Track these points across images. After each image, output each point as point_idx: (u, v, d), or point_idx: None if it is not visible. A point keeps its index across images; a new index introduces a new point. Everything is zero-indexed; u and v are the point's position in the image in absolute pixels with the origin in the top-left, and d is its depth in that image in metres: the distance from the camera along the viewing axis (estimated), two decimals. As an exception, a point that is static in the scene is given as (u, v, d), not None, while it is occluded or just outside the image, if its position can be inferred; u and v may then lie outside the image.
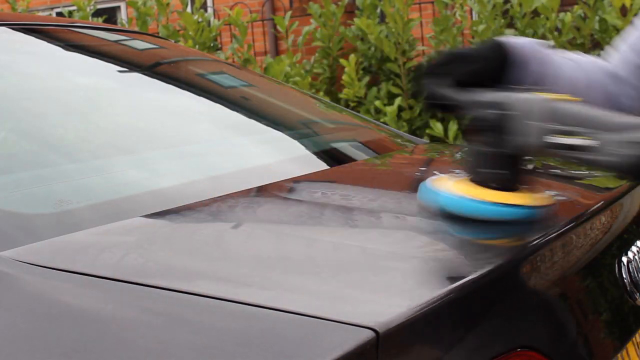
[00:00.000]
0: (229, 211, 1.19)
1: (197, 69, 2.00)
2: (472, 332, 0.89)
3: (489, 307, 0.93)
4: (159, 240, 1.03)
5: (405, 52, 4.71)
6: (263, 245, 1.02)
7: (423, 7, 5.60)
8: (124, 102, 1.59)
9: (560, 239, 1.09)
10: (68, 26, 1.86)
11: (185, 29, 4.97)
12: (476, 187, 1.10)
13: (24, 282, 0.89)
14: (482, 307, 0.91)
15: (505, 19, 4.46)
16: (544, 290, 1.04)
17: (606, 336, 1.15)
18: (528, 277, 1.02)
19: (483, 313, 0.91)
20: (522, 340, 0.95)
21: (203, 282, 0.88)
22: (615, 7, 4.15)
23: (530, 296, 1.02)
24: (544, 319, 1.02)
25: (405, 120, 4.63)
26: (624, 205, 1.35)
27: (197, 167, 1.36)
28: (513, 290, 0.98)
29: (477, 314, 0.90)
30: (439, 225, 1.11)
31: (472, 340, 0.88)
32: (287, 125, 1.76)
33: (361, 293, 0.86)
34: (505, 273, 0.96)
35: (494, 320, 0.93)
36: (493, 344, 0.91)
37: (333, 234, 1.07)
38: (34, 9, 7.10)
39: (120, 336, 0.81)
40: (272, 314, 0.79)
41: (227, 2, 6.71)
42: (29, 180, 1.15)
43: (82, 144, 1.37)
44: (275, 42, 6.50)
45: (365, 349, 0.75)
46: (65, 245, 0.98)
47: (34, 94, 1.45)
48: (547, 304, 1.04)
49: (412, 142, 1.89)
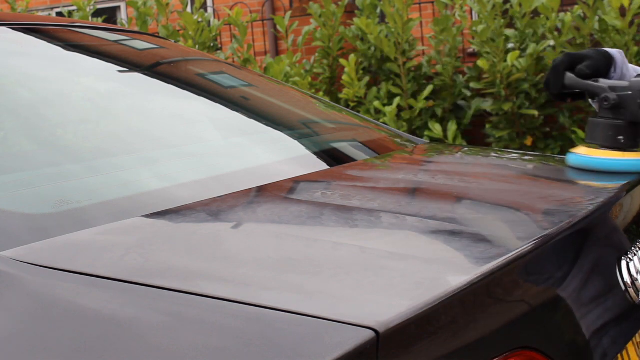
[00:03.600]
0: (229, 211, 1.19)
1: (197, 69, 2.00)
2: (472, 332, 0.89)
3: (489, 307, 0.93)
4: (159, 240, 1.03)
5: (405, 52, 4.71)
6: (263, 245, 1.02)
7: (423, 7, 5.60)
8: (124, 102, 1.59)
9: (561, 239, 1.09)
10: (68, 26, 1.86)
11: (185, 29, 4.97)
12: (604, 150, 1.55)
13: (24, 282, 0.89)
14: (482, 307, 0.91)
15: (505, 19, 4.47)
16: (544, 290, 1.04)
17: (606, 336, 1.15)
18: (528, 276, 1.02)
19: (483, 313, 0.91)
20: (522, 340, 0.95)
21: (203, 282, 0.88)
22: (614, 8, 4.15)
23: (530, 296, 1.02)
24: (544, 319, 1.02)
25: (404, 120, 4.63)
26: (624, 205, 1.35)
27: (196, 167, 1.36)
28: (513, 290, 0.98)
29: (477, 314, 0.90)
30: (439, 224, 1.11)
31: (472, 340, 0.88)
32: (287, 125, 1.76)
33: (361, 293, 0.86)
34: (505, 273, 0.96)
35: (494, 320, 0.93)
36: (493, 344, 0.91)
37: (333, 234, 1.07)
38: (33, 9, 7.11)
39: (120, 336, 0.81)
40: (272, 314, 0.79)
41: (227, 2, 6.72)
42: (29, 180, 1.15)
43: (82, 144, 1.37)
44: (275, 42, 6.50)
45: (365, 349, 0.75)
46: (65, 245, 0.98)
47: (34, 94, 1.45)
48: (547, 304, 1.04)
49: (412, 142, 1.89)
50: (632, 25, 4.21)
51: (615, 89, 1.55)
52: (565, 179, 1.60)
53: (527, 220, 1.20)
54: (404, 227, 1.12)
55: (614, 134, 1.56)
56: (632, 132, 1.56)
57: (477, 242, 1.08)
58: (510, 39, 4.50)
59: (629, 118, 1.55)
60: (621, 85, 1.56)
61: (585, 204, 1.28)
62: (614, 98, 1.55)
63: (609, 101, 1.55)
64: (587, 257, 1.18)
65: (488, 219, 1.19)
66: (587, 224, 1.19)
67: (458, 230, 1.09)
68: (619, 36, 4.17)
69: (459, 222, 1.15)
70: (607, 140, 1.56)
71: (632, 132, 1.56)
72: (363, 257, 0.97)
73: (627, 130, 1.55)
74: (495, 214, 1.23)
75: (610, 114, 1.56)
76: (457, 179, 1.48)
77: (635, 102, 1.53)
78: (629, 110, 1.54)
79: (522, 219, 1.21)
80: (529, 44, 4.38)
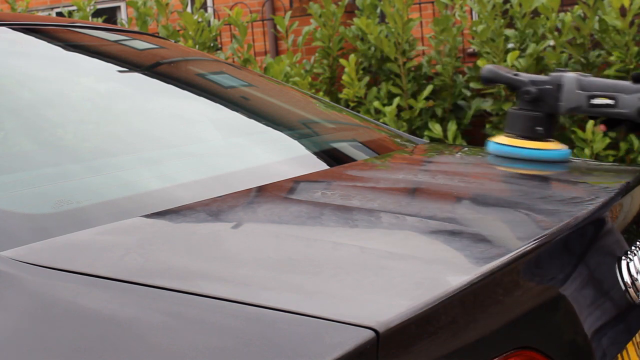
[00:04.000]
0: (229, 211, 1.19)
1: (197, 69, 2.00)
2: (472, 332, 0.89)
3: (489, 307, 0.93)
4: (159, 240, 1.03)
5: (405, 52, 4.71)
6: (263, 245, 1.02)
7: (423, 7, 5.60)
8: (123, 102, 1.59)
9: (561, 239, 1.09)
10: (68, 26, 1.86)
11: (185, 29, 4.97)
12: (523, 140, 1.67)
13: (24, 282, 0.89)
14: (482, 307, 0.91)
15: (505, 19, 4.46)
16: (543, 290, 1.04)
17: (606, 336, 1.15)
18: (528, 276, 1.02)
19: (483, 313, 0.91)
20: (522, 340, 0.95)
21: (203, 282, 0.88)
22: (614, 8, 4.15)
23: (530, 296, 1.02)
24: (544, 319, 1.02)
25: (404, 120, 4.63)
26: (624, 205, 1.35)
27: (196, 167, 1.36)
28: (513, 290, 0.98)
29: (477, 314, 0.90)
30: (439, 224, 1.11)
31: (472, 340, 0.88)
32: (287, 125, 1.76)
33: (361, 293, 0.86)
34: (505, 273, 0.96)
35: (494, 320, 0.93)
36: (493, 344, 0.91)
37: (333, 234, 1.07)
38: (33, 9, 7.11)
39: (120, 336, 0.81)
40: (272, 314, 0.79)
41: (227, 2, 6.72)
42: (29, 180, 1.15)
43: (82, 144, 1.37)
44: (275, 42, 6.50)
45: (365, 349, 0.75)
46: (65, 245, 0.98)
47: (34, 94, 1.45)
48: (547, 304, 1.04)
49: (412, 142, 1.89)
50: (633, 25, 4.20)
51: (536, 83, 1.67)
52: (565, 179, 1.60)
53: (527, 220, 1.20)
54: (404, 227, 1.12)
55: (533, 125, 1.67)
56: (549, 123, 1.68)
57: (477, 242, 1.08)
58: (510, 39, 4.49)
59: (547, 110, 1.67)
60: (541, 79, 1.68)
61: (585, 203, 1.28)
62: (534, 91, 1.66)
63: (530, 94, 1.66)
64: (587, 257, 1.18)
65: (488, 219, 1.19)
66: (587, 224, 1.19)
67: (458, 230, 1.09)
68: (619, 36, 4.17)
69: (459, 222, 1.15)
70: (527, 131, 1.67)
71: (549, 124, 1.68)
72: (363, 257, 0.97)
73: (545, 121, 1.67)
74: (495, 214, 1.23)
75: (530, 106, 1.68)
76: (457, 179, 1.48)
77: (554, 95, 1.65)
78: (548, 103, 1.66)
79: (522, 219, 1.21)
80: (529, 44, 4.38)
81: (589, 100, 1.63)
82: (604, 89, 1.63)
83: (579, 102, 1.64)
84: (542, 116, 1.68)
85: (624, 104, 1.60)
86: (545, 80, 1.68)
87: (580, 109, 1.65)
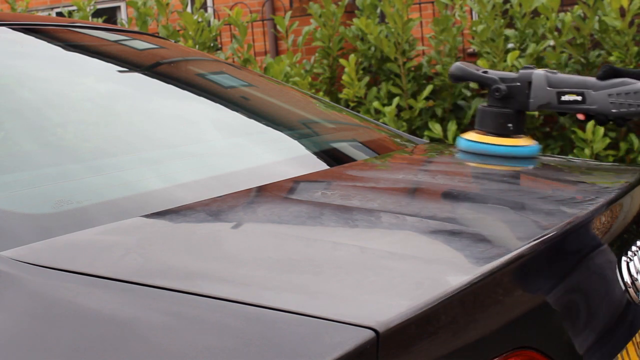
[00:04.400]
0: (229, 211, 1.19)
1: (197, 69, 2.00)
2: (472, 332, 0.89)
3: (489, 307, 0.93)
4: (159, 240, 1.03)
5: (405, 52, 4.71)
6: (263, 245, 1.02)
7: (423, 7, 5.60)
8: (123, 102, 1.59)
9: (561, 239, 1.09)
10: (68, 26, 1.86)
11: (185, 29, 4.97)
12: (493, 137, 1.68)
13: (24, 282, 0.89)
14: (482, 307, 0.91)
15: (505, 19, 4.46)
16: (543, 290, 1.04)
17: (606, 336, 1.15)
18: (528, 276, 1.02)
19: (483, 313, 0.91)
20: (522, 340, 0.95)
21: (203, 282, 0.88)
22: (613, 8, 4.15)
23: (530, 296, 1.02)
24: (544, 319, 1.02)
25: (404, 120, 4.63)
26: (624, 205, 1.35)
27: (196, 167, 1.36)
28: (513, 290, 0.98)
29: (477, 314, 0.90)
30: (439, 224, 1.11)
31: (472, 340, 0.88)
32: (287, 125, 1.76)
33: (361, 293, 0.86)
34: (505, 273, 0.96)
35: (494, 320, 0.93)
36: (493, 344, 0.91)
37: (333, 234, 1.07)
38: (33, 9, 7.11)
39: (120, 336, 0.81)
40: (272, 314, 0.79)
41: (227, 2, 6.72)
42: (29, 180, 1.15)
43: (82, 144, 1.37)
44: (275, 42, 6.50)
45: (365, 349, 0.75)
46: (65, 245, 0.98)
47: (34, 94, 1.45)
48: (547, 304, 1.04)
49: (412, 142, 1.89)
50: (632, 25, 4.20)
51: (505, 80, 1.69)
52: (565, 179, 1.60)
53: (527, 220, 1.20)
54: (404, 227, 1.12)
55: (504, 122, 1.69)
56: (519, 120, 1.70)
57: (477, 242, 1.08)
58: (510, 39, 4.49)
59: (517, 107, 1.69)
60: (510, 77, 1.70)
61: (585, 203, 1.28)
62: (504, 89, 1.68)
63: (500, 92, 1.68)
64: (587, 257, 1.18)
65: (488, 219, 1.19)
66: (587, 224, 1.19)
67: (458, 230, 1.09)
68: (619, 36, 4.17)
69: (459, 222, 1.15)
70: (498, 128, 1.69)
71: (519, 120, 1.70)
72: (363, 257, 0.97)
73: (515, 118, 1.69)
74: (495, 214, 1.23)
75: (500, 103, 1.69)
76: (457, 179, 1.48)
77: (523, 92, 1.68)
78: (518, 100, 1.68)
79: (522, 219, 1.21)
80: (529, 44, 4.38)
81: (559, 97, 1.66)
82: (572, 85, 1.65)
83: (548, 98, 1.67)
84: (512, 113, 1.70)
85: (591, 100, 1.62)
86: (514, 77, 1.70)
87: (549, 105, 1.67)
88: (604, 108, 1.61)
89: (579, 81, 1.65)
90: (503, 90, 1.68)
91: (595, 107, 1.62)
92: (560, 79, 1.66)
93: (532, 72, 1.68)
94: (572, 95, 1.64)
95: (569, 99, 1.64)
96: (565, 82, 1.66)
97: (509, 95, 1.69)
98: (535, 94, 1.67)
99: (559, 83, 1.66)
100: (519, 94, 1.68)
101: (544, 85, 1.66)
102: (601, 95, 1.61)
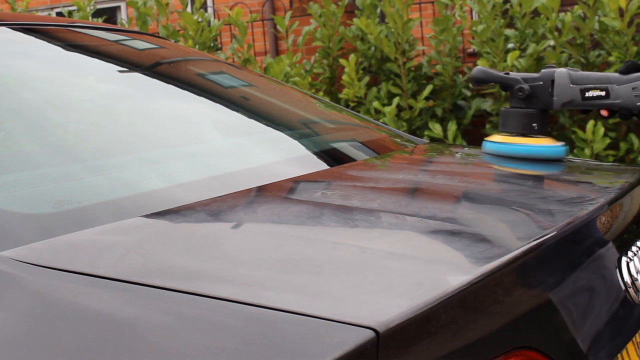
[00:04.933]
0: (229, 211, 1.19)
1: (197, 69, 2.00)
2: (472, 332, 0.89)
3: (489, 307, 0.93)
4: (159, 240, 1.04)
5: (405, 52, 4.71)
6: (263, 245, 1.02)
7: (423, 7, 5.60)
8: (123, 102, 1.59)
9: (561, 239, 1.09)
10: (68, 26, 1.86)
11: (185, 29, 4.97)
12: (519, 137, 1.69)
13: (24, 282, 0.89)
14: (482, 307, 0.91)
15: (505, 19, 4.47)
16: (544, 290, 1.04)
17: (606, 336, 1.15)
18: (528, 276, 1.02)
19: (483, 313, 0.91)
20: (522, 340, 0.95)
21: (203, 282, 0.88)
22: (612, 9, 4.15)
23: (530, 296, 1.02)
24: (544, 319, 1.02)
25: (404, 120, 4.63)
26: (624, 205, 1.35)
27: (196, 167, 1.36)
28: (513, 290, 0.98)
29: (477, 314, 0.90)
30: (439, 224, 1.11)
31: (472, 340, 0.88)
32: (287, 125, 1.76)
33: (361, 293, 0.86)
34: (505, 273, 0.96)
35: (494, 320, 0.93)
36: (493, 344, 0.91)
37: (333, 234, 1.07)
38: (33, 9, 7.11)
39: (120, 336, 0.81)
40: (272, 314, 0.79)
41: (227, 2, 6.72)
42: (29, 180, 1.15)
43: (82, 144, 1.37)
44: (275, 42, 6.50)
45: (365, 349, 0.75)
46: (65, 245, 0.98)
47: (34, 94, 1.45)
48: (547, 304, 1.04)
49: (412, 142, 1.89)
50: (631, 25, 4.21)
51: (527, 80, 1.71)
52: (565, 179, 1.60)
53: (527, 220, 1.20)
54: (404, 227, 1.12)
55: (529, 122, 1.70)
56: (542, 119, 1.71)
57: (477, 242, 1.08)
58: (510, 39, 4.49)
59: (540, 106, 1.70)
60: (532, 77, 1.71)
61: (585, 203, 1.28)
62: (527, 89, 1.69)
63: (524, 91, 1.69)
64: (587, 257, 1.18)
65: (488, 219, 1.19)
66: (587, 224, 1.19)
67: (458, 230, 1.10)
68: (618, 37, 4.17)
69: (459, 222, 1.15)
70: (523, 128, 1.70)
71: (542, 120, 1.71)
72: (363, 257, 0.97)
73: (539, 118, 1.70)
74: (495, 214, 1.23)
75: (524, 103, 1.71)
76: (457, 179, 1.48)
77: (546, 91, 1.69)
78: (541, 99, 1.70)
79: (522, 219, 1.21)
80: (529, 44, 4.38)
81: (583, 93, 1.66)
82: (595, 81, 1.66)
83: (572, 96, 1.67)
84: (536, 112, 1.70)
85: (615, 95, 1.63)
86: (536, 77, 1.71)
87: (574, 102, 1.68)
88: (628, 101, 1.63)
89: (602, 77, 1.66)
90: (527, 90, 1.69)
91: (619, 101, 1.63)
92: (583, 76, 1.68)
93: (555, 70, 1.70)
94: (595, 90, 1.65)
95: (592, 95, 1.66)
96: (588, 78, 1.67)
97: (533, 95, 1.70)
98: (559, 92, 1.68)
99: (582, 80, 1.67)
100: (543, 93, 1.69)
101: (567, 82, 1.67)
102: (625, 89, 1.63)
